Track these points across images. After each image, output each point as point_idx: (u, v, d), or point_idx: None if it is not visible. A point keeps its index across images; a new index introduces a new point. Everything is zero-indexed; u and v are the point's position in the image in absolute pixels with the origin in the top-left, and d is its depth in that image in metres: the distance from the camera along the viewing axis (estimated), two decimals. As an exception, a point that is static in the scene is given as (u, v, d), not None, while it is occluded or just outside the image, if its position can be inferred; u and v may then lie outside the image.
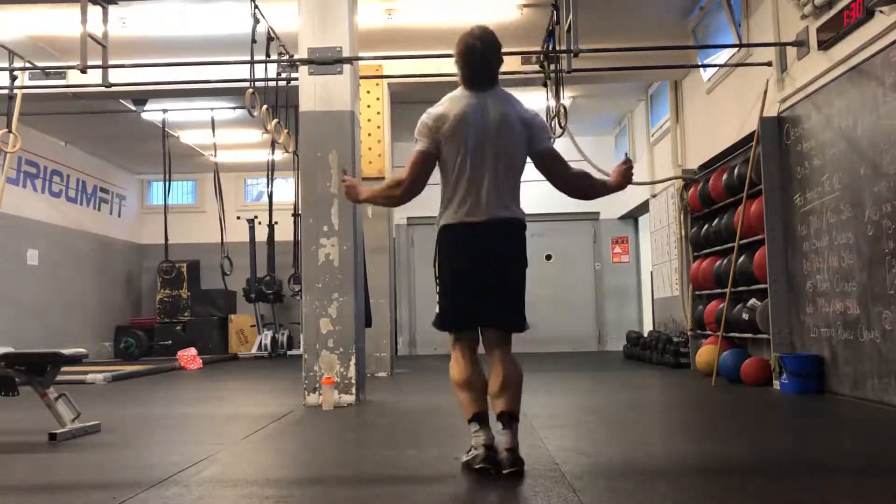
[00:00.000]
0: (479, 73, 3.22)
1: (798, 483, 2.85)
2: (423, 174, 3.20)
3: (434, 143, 3.17)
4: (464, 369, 3.16)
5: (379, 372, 7.81)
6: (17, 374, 4.09)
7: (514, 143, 3.18)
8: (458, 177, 3.15)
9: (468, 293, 3.16)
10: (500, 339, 3.19)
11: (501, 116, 3.17)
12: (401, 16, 7.32)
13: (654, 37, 7.68)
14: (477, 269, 3.15)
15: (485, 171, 3.13)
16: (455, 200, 3.16)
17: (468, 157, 3.13)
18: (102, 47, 5.80)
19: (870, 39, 4.83)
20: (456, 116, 3.15)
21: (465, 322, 3.21)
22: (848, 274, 5.15)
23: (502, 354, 3.16)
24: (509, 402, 3.08)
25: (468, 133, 3.13)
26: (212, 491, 2.83)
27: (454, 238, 3.18)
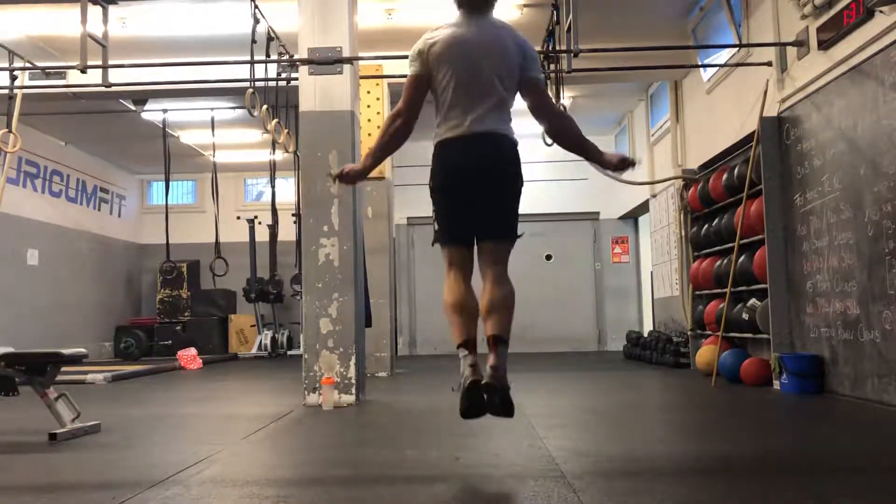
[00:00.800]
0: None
1: (798, 483, 2.85)
2: (416, 97, 3.27)
3: (425, 66, 3.25)
4: (456, 292, 3.20)
5: (379, 372, 7.81)
6: (17, 374, 4.09)
7: (506, 64, 3.22)
8: (450, 94, 3.21)
9: (461, 205, 3.22)
10: (494, 254, 3.23)
11: (494, 37, 3.23)
12: (401, 16, 7.32)
13: (654, 37, 7.68)
14: (469, 180, 3.19)
15: (475, 90, 3.19)
16: (446, 119, 3.23)
17: (457, 77, 3.19)
18: (102, 47, 5.80)
19: (870, 39, 4.83)
20: (446, 39, 3.23)
21: (459, 233, 3.25)
22: (848, 274, 5.15)
23: (496, 273, 3.20)
24: (498, 325, 3.12)
25: (458, 53, 3.20)
26: (212, 491, 2.83)
27: (447, 153, 3.23)
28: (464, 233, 3.25)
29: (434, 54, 3.23)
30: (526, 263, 12.13)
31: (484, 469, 3.20)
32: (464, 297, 3.19)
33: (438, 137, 3.26)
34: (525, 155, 3.56)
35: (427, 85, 3.28)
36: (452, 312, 3.19)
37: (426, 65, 3.25)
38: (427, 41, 3.27)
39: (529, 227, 12.25)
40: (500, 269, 3.23)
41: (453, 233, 3.26)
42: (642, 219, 12.18)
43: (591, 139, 3.51)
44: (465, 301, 3.19)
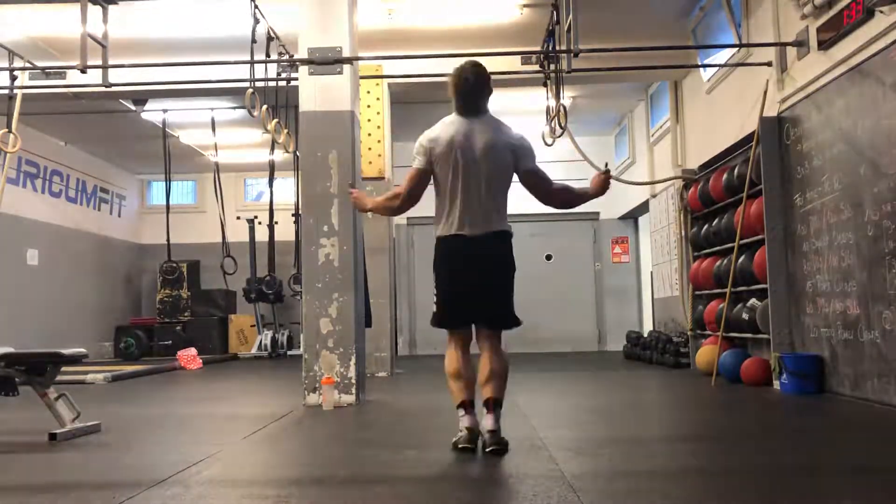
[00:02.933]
0: (469, 103, 3.65)
1: (798, 483, 2.85)
2: (418, 188, 3.68)
3: (428, 162, 3.63)
4: (456, 363, 3.61)
5: (379, 372, 7.81)
6: (17, 374, 4.09)
7: (500, 165, 3.60)
8: (449, 195, 3.59)
9: (460, 296, 3.63)
10: (489, 336, 3.64)
11: (489, 141, 3.59)
12: (401, 16, 7.32)
13: (654, 37, 7.68)
14: (468, 274, 3.59)
15: (472, 191, 3.56)
16: (448, 216, 3.61)
17: (458, 178, 3.56)
18: (102, 47, 5.79)
19: (870, 39, 4.83)
20: (447, 141, 3.59)
21: (458, 321, 3.67)
22: (848, 274, 5.15)
23: (491, 348, 3.60)
24: (495, 390, 3.51)
25: (457, 156, 3.56)
26: (212, 491, 2.83)
27: (448, 249, 3.63)
28: (462, 319, 3.66)
29: (437, 155, 3.60)
30: (526, 263, 11.99)
31: (484, 469, 3.21)
32: (463, 368, 3.60)
33: (440, 233, 3.66)
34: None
35: (428, 178, 3.67)
36: (452, 379, 3.60)
37: (430, 162, 3.63)
38: (431, 141, 3.63)
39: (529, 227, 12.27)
40: (495, 344, 3.63)
41: (454, 320, 3.67)
42: (642, 219, 12.17)
43: (591, 139, 3.72)
44: (464, 371, 3.59)
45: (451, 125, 3.64)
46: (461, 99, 3.66)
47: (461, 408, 3.53)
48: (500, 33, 7.66)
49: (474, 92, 3.65)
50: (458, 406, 3.54)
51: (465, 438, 3.44)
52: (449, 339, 3.69)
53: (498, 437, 3.42)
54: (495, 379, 3.52)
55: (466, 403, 3.52)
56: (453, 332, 3.68)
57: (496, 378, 3.52)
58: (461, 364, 3.60)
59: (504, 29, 7.58)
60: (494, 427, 3.43)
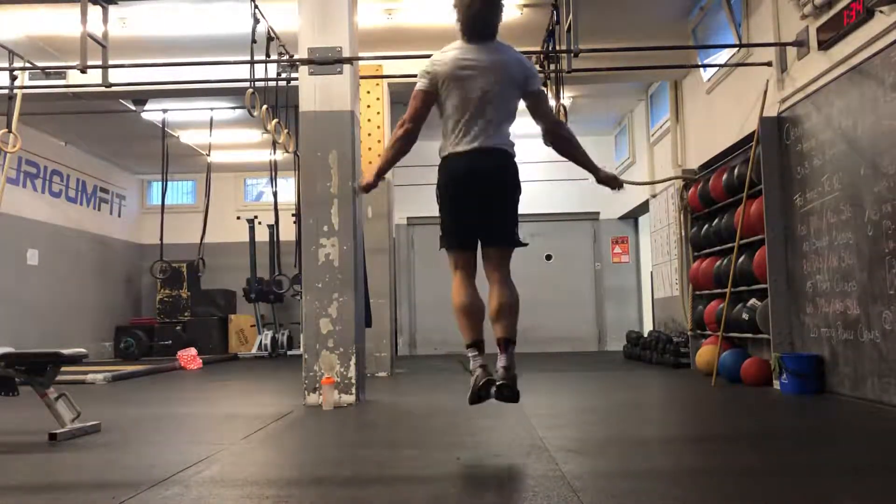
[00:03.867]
0: (478, 26, 3.56)
1: (798, 483, 2.85)
2: (422, 109, 3.59)
3: (433, 84, 3.55)
4: (463, 294, 3.50)
5: (379, 372, 7.81)
6: (17, 374, 4.09)
7: (507, 86, 3.52)
8: (452, 114, 3.51)
9: (465, 213, 3.51)
10: (497, 259, 3.53)
11: (497, 60, 3.52)
12: (401, 16, 7.33)
13: (654, 37, 7.68)
14: (473, 191, 3.48)
15: (477, 109, 3.47)
16: (452, 134, 3.52)
17: (461, 97, 3.48)
18: (102, 47, 5.79)
19: (870, 39, 4.83)
20: (452, 61, 3.52)
21: (464, 239, 3.54)
22: (848, 274, 5.15)
23: (500, 277, 3.50)
24: (507, 329, 3.44)
25: (463, 76, 3.48)
26: (212, 491, 2.83)
27: (452, 165, 3.53)
28: (468, 238, 3.53)
29: (441, 74, 3.52)
30: (526, 263, 12.07)
31: (484, 469, 3.21)
32: (471, 299, 3.49)
33: (444, 152, 3.56)
34: (526, 155, 3.75)
35: (432, 100, 3.58)
36: (461, 314, 3.49)
37: (434, 83, 3.55)
38: (434, 62, 3.57)
39: (529, 227, 12.22)
40: (503, 274, 3.52)
41: (458, 238, 3.55)
42: (642, 219, 12.18)
43: (592, 139, 3.70)
44: (472, 303, 3.49)
45: (456, 48, 3.57)
46: (469, 21, 3.56)
47: (473, 347, 3.44)
48: (500, 33, 7.61)
49: (485, 14, 3.56)
50: (469, 346, 3.46)
51: (482, 374, 3.36)
52: (454, 266, 3.56)
53: (511, 373, 3.38)
54: (506, 316, 3.43)
55: (478, 343, 3.45)
56: (459, 255, 3.55)
57: (507, 315, 3.44)
58: (470, 295, 3.49)
59: (504, 29, 7.50)
60: (507, 364, 3.38)
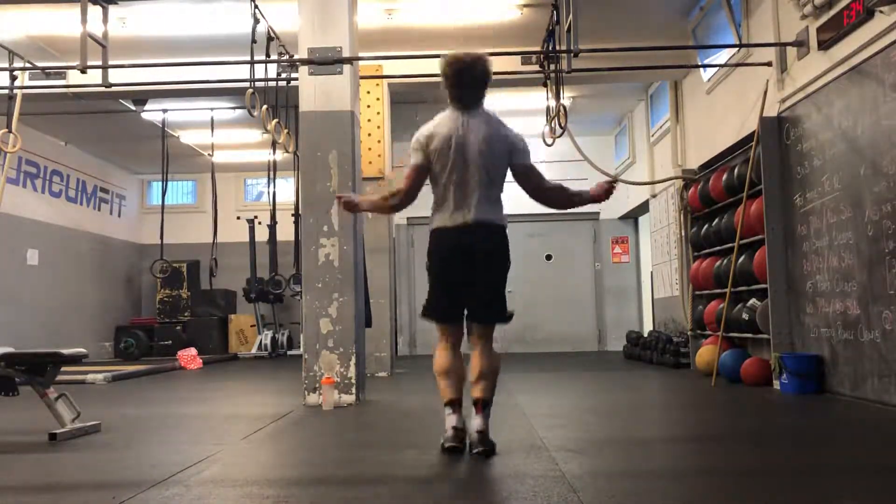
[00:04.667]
0: (468, 95, 3.59)
1: (798, 483, 2.85)
2: (416, 184, 3.62)
3: (425, 157, 3.58)
4: (445, 359, 3.57)
5: (379, 372, 7.81)
6: (17, 374, 4.09)
7: (495, 158, 3.56)
8: (444, 187, 3.55)
9: (453, 288, 3.57)
10: (481, 332, 3.59)
11: (485, 135, 3.55)
12: (401, 16, 7.32)
13: (654, 37, 7.69)
14: (462, 267, 3.53)
15: (468, 183, 3.52)
16: (443, 207, 3.57)
17: (454, 171, 3.52)
18: (102, 47, 5.79)
19: (870, 39, 4.83)
20: (443, 134, 3.55)
21: (450, 313, 3.60)
22: (848, 274, 5.15)
23: (483, 346, 3.57)
24: (484, 391, 3.49)
25: (453, 149, 3.52)
26: (212, 491, 2.83)
27: (442, 239, 3.58)
28: (454, 311, 3.59)
29: (433, 150, 3.56)
30: (526, 263, 12.14)
31: (484, 469, 3.21)
32: (453, 365, 3.56)
33: (434, 225, 3.62)
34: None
35: (427, 173, 3.62)
36: (441, 377, 3.56)
37: (426, 157, 3.58)
38: (427, 136, 3.59)
39: (529, 227, 12.25)
40: (487, 343, 3.59)
41: (445, 312, 3.62)
42: (642, 219, 12.18)
43: (591, 139, 3.68)
44: (454, 368, 3.56)
45: (447, 119, 3.60)
46: (458, 90, 3.59)
47: (449, 406, 3.49)
48: (500, 33, 7.67)
49: (473, 83, 3.59)
50: (447, 404, 3.50)
51: (451, 437, 3.41)
52: (440, 335, 3.62)
53: (486, 438, 3.39)
54: (485, 379, 3.49)
55: (455, 402, 3.48)
56: (444, 327, 3.61)
57: (486, 378, 3.49)
58: (451, 361, 3.55)
59: (504, 29, 7.59)
60: (483, 428, 3.40)
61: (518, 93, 9.24)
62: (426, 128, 3.63)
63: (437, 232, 3.60)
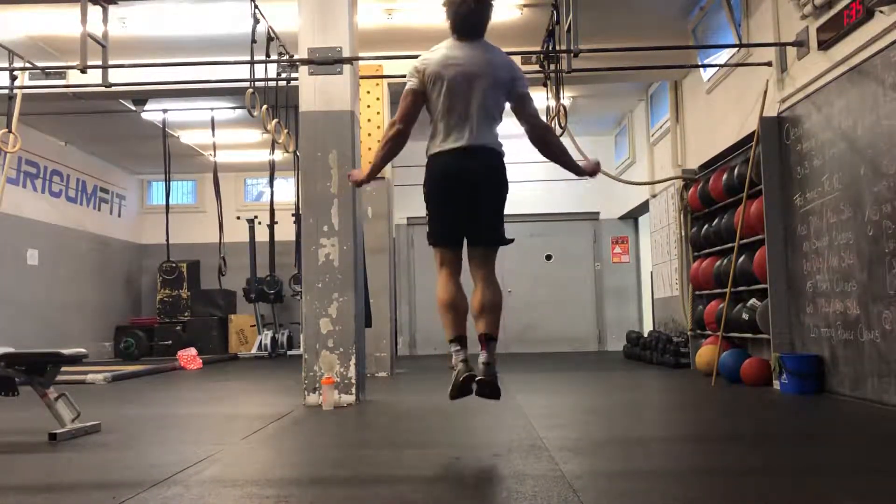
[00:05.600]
0: (468, 25, 3.57)
1: (798, 483, 2.85)
2: (412, 108, 3.58)
3: (421, 83, 3.55)
4: (448, 291, 3.53)
5: (379, 372, 7.81)
6: (17, 374, 4.08)
7: (495, 85, 3.53)
8: (441, 113, 3.51)
9: (452, 211, 3.53)
10: (482, 258, 3.56)
11: (484, 60, 3.54)
12: (401, 16, 7.33)
13: (654, 37, 7.68)
14: (460, 189, 3.50)
15: (465, 108, 3.48)
16: (439, 133, 3.53)
17: (449, 96, 3.48)
18: (102, 47, 5.79)
19: (870, 39, 4.83)
20: (440, 60, 3.52)
21: (450, 237, 3.56)
22: (848, 274, 5.15)
23: (484, 275, 3.54)
24: (488, 325, 3.46)
25: (451, 74, 3.48)
26: (212, 491, 2.83)
27: (439, 163, 3.53)
28: (454, 236, 3.55)
29: (429, 73, 3.52)
30: (526, 263, 12.14)
31: (484, 469, 3.21)
32: (455, 296, 3.51)
33: (432, 150, 3.56)
34: (526, 155, 3.76)
35: (422, 99, 3.58)
36: (445, 310, 3.51)
37: (422, 82, 3.55)
38: (423, 61, 3.57)
39: (529, 227, 12.24)
40: (488, 272, 3.55)
41: (444, 236, 3.57)
42: (642, 219, 12.18)
43: (591, 139, 3.70)
44: (456, 299, 3.51)
45: (445, 47, 3.59)
46: (459, 20, 3.57)
47: (455, 342, 3.48)
48: (500, 33, 7.62)
49: (474, 13, 3.57)
50: (452, 341, 3.49)
51: (464, 368, 3.40)
52: (440, 263, 3.59)
53: (492, 369, 3.39)
54: (489, 313, 3.47)
55: (460, 338, 3.48)
56: (445, 252, 3.57)
57: (490, 312, 3.47)
58: (453, 293, 3.51)
59: (504, 29, 7.58)
60: (488, 359, 3.40)
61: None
62: (424, 55, 3.61)
63: (435, 157, 3.55)
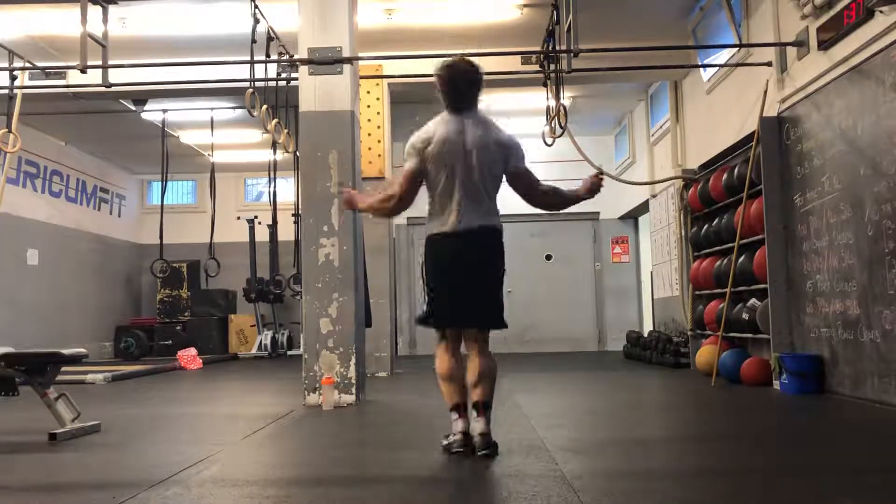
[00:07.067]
0: (463, 99, 3.59)
1: (798, 483, 2.85)
2: (412, 189, 3.62)
3: (421, 161, 3.58)
4: (447, 364, 3.58)
5: (379, 372, 7.81)
6: (17, 374, 4.09)
7: (490, 162, 3.56)
8: (440, 192, 3.56)
9: (452, 295, 3.58)
10: (478, 336, 3.61)
11: (479, 139, 3.56)
12: (401, 16, 7.32)
13: (654, 37, 7.68)
14: (458, 273, 3.55)
15: (463, 187, 3.52)
16: (438, 213, 3.58)
17: (450, 176, 3.53)
18: (102, 47, 5.79)
19: (870, 39, 4.83)
20: (439, 139, 3.54)
21: (449, 321, 3.61)
22: (848, 274, 5.15)
23: (480, 350, 3.59)
24: (483, 393, 3.50)
25: (449, 154, 3.52)
26: (212, 491, 2.83)
27: (439, 246, 3.59)
28: (454, 319, 3.61)
29: (429, 154, 3.55)
30: (526, 263, 12.14)
31: (484, 469, 3.21)
32: (454, 369, 3.58)
33: (431, 231, 3.62)
34: (525, 155, 3.72)
35: (422, 178, 3.61)
36: (443, 381, 3.58)
37: (423, 161, 3.57)
38: (423, 140, 3.58)
39: (529, 227, 12.29)
40: (483, 346, 3.61)
41: (445, 320, 3.62)
42: (642, 219, 12.18)
43: (591, 139, 3.67)
44: (456, 372, 3.58)
45: (442, 123, 3.60)
46: (454, 95, 3.60)
47: (455, 411, 3.52)
48: (500, 33, 7.67)
49: (469, 88, 3.60)
50: (452, 409, 3.53)
51: (460, 442, 3.44)
52: (439, 341, 3.65)
53: (489, 439, 3.43)
54: (484, 381, 3.51)
55: (461, 406, 3.52)
56: (445, 332, 3.63)
57: (485, 380, 3.52)
58: (453, 366, 3.58)
59: (504, 29, 7.59)
60: (486, 430, 3.43)
61: (518, 93, 9.23)
62: (421, 132, 3.63)
63: (433, 238, 3.61)
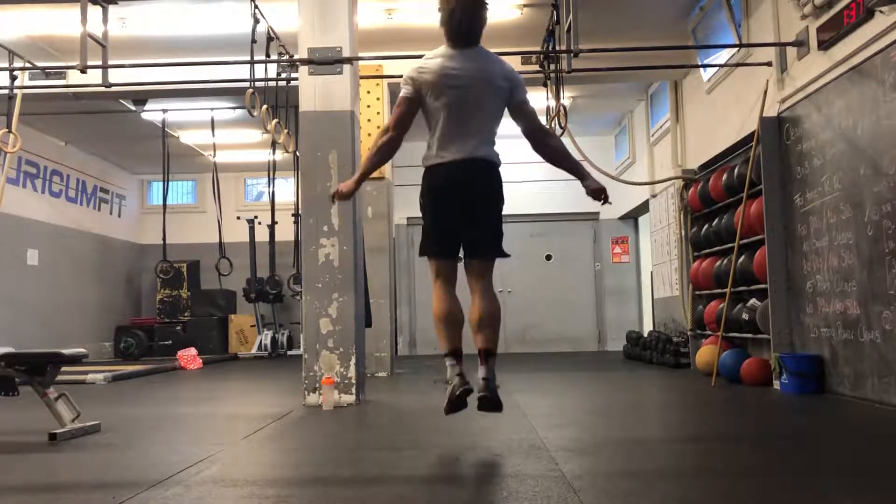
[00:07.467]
0: (463, 31, 3.50)
1: (798, 483, 2.85)
2: (406, 116, 3.52)
3: (417, 91, 3.49)
4: (445, 303, 3.48)
5: (379, 372, 7.81)
6: (17, 374, 4.08)
7: (493, 95, 3.48)
8: (438, 123, 3.46)
9: (449, 223, 3.49)
10: (480, 270, 3.51)
11: (481, 68, 3.47)
12: (401, 16, 7.33)
13: (654, 37, 7.69)
14: (456, 202, 3.46)
15: (461, 119, 3.43)
16: (436, 144, 3.48)
17: (446, 106, 3.43)
18: (102, 47, 5.80)
19: (870, 39, 4.83)
20: (436, 68, 3.46)
21: (447, 248, 3.52)
22: (848, 274, 5.15)
23: (482, 287, 3.48)
24: (487, 340, 3.41)
25: (447, 84, 3.43)
26: (212, 491, 2.83)
27: (436, 176, 3.49)
28: (451, 247, 3.51)
29: (425, 82, 3.46)
30: (526, 263, 12.14)
31: (484, 469, 3.21)
32: (452, 308, 3.47)
33: (428, 161, 3.52)
34: (525, 155, 3.75)
35: (417, 107, 3.52)
36: (440, 323, 3.47)
37: (418, 91, 3.49)
38: (419, 69, 3.50)
39: (529, 227, 12.29)
40: (485, 284, 3.50)
41: (441, 247, 3.52)
42: (642, 219, 12.18)
43: (591, 139, 3.67)
44: (453, 312, 3.47)
45: (441, 56, 3.51)
46: (454, 25, 3.50)
47: (451, 356, 3.41)
48: (500, 33, 7.66)
49: (468, 19, 3.50)
50: (447, 355, 3.42)
51: (459, 382, 3.33)
52: (435, 275, 3.53)
53: (491, 384, 3.33)
54: (487, 327, 3.42)
55: (456, 352, 3.42)
56: (440, 264, 3.53)
57: (488, 326, 3.42)
58: (449, 306, 3.47)
59: (504, 29, 7.58)
60: (487, 375, 3.34)
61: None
62: (419, 63, 3.53)
63: (432, 169, 3.51)
